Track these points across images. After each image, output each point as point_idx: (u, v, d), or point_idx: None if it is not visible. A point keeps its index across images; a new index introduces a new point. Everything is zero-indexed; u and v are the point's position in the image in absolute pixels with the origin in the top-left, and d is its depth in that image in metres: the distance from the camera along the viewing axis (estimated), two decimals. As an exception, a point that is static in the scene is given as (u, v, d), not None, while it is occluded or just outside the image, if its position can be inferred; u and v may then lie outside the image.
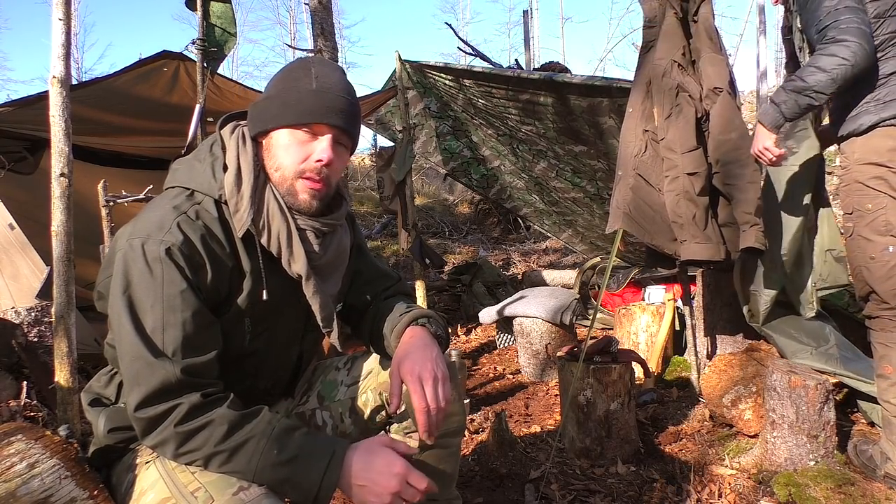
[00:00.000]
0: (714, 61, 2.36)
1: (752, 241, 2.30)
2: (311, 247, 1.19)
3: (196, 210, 1.11)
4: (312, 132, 1.15)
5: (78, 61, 22.56)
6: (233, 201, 1.12)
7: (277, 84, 1.17)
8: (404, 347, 1.22)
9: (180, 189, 1.15)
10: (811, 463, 1.98)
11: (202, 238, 1.09)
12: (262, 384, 1.29)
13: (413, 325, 1.27)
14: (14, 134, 3.50)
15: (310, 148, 1.15)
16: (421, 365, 1.16)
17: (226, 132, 1.20)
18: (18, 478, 0.98)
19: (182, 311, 1.05)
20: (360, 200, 10.89)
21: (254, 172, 1.14)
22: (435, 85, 4.40)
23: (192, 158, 1.19)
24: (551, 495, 2.01)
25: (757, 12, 13.12)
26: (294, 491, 1.04)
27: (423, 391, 1.13)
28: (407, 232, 3.95)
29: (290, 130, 1.15)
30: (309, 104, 1.14)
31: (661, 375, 3.15)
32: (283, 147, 1.15)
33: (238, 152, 1.15)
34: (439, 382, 1.16)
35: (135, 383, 1.03)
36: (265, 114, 1.16)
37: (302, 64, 1.18)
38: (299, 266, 1.17)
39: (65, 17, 1.88)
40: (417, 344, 1.21)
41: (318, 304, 1.22)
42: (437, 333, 1.28)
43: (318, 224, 1.20)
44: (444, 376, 1.18)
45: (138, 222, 1.10)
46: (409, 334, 1.25)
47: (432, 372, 1.15)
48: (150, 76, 3.30)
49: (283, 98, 1.15)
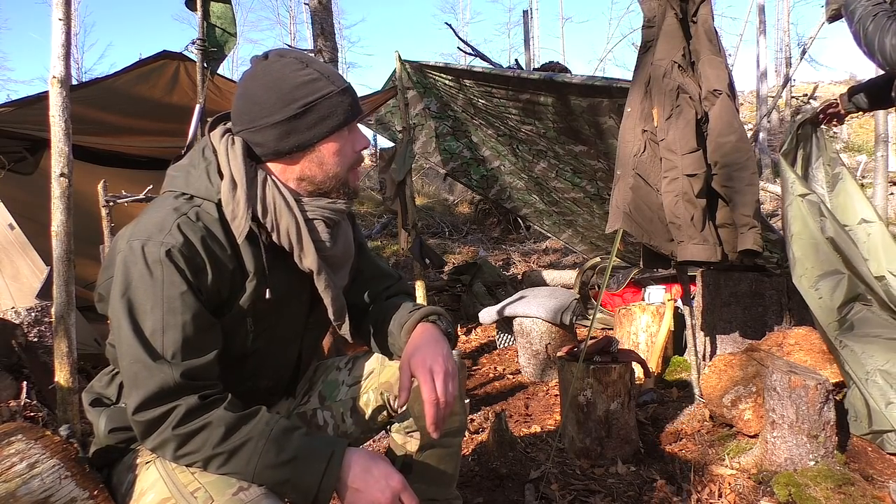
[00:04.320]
0: (713, 63, 2.36)
1: (750, 244, 2.31)
2: (320, 237, 1.20)
3: (196, 212, 1.11)
4: (349, 126, 1.18)
5: (78, 61, 22.57)
6: (229, 208, 1.11)
7: (288, 97, 1.12)
8: (415, 342, 1.22)
9: (179, 193, 1.14)
10: (811, 463, 1.98)
11: (203, 240, 1.08)
12: (263, 383, 1.29)
13: (424, 322, 1.27)
14: (14, 134, 3.49)
15: (351, 140, 1.19)
16: (432, 359, 1.16)
17: (215, 136, 1.18)
18: (18, 478, 0.99)
19: (182, 314, 1.04)
20: (360, 200, 10.88)
21: (247, 175, 1.13)
22: (435, 85, 4.40)
23: (187, 164, 1.18)
24: (551, 495, 2.01)
25: (757, 12, 13.14)
26: (293, 492, 1.04)
27: (433, 384, 1.14)
28: (407, 232, 3.95)
29: (336, 136, 1.16)
30: (345, 106, 1.16)
31: (661, 375, 3.15)
32: (334, 154, 1.17)
33: (228, 157, 1.14)
34: (450, 377, 1.16)
35: (134, 386, 1.03)
36: (297, 132, 1.13)
37: (295, 66, 1.14)
38: (310, 260, 1.18)
39: (65, 17, 1.88)
40: (428, 339, 1.21)
41: (331, 297, 1.23)
42: (447, 331, 1.28)
43: (327, 211, 1.20)
44: (454, 372, 1.18)
45: (138, 224, 1.09)
46: (420, 330, 1.25)
47: (443, 366, 1.16)
48: (150, 76, 3.30)
49: (317, 112, 1.13)
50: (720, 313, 2.88)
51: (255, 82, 1.14)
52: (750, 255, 2.39)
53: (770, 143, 12.74)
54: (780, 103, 15.54)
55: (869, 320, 2.26)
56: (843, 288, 2.27)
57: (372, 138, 9.75)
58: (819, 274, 2.32)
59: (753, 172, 2.31)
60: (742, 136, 2.30)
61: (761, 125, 11.92)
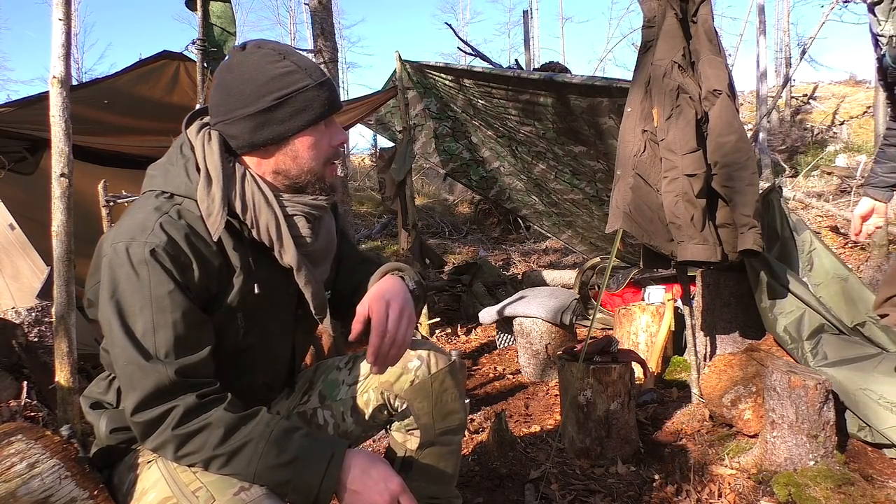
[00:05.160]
0: (713, 63, 2.36)
1: (750, 244, 2.31)
2: (300, 232, 1.19)
3: (178, 210, 1.10)
4: (326, 121, 1.18)
5: (78, 61, 22.55)
6: (204, 205, 1.10)
7: (263, 89, 1.11)
8: (377, 287, 1.23)
9: (159, 192, 1.14)
10: (811, 463, 1.98)
11: (186, 237, 1.08)
12: (260, 379, 1.29)
13: (390, 275, 1.29)
14: (14, 134, 3.49)
15: (327, 135, 1.18)
16: (391, 296, 1.17)
17: (192, 132, 1.17)
18: (18, 478, 0.99)
19: (172, 312, 1.04)
20: (360, 200, 10.89)
21: (224, 171, 1.12)
22: (435, 85, 4.40)
23: (165, 163, 1.17)
24: (551, 495, 2.01)
25: (757, 12, 13.15)
26: (294, 492, 1.04)
27: (385, 315, 1.14)
28: (407, 232, 3.95)
29: (311, 130, 1.15)
30: (321, 99, 1.14)
31: (661, 375, 3.15)
32: (309, 147, 1.16)
33: (204, 153, 1.13)
34: (404, 316, 1.16)
35: (130, 388, 1.03)
36: (271, 125, 1.12)
37: (272, 58, 1.12)
38: (290, 257, 1.17)
39: (65, 17, 1.88)
40: (392, 286, 1.23)
41: (311, 293, 1.22)
42: (411, 288, 1.28)
43: (308, 207, 1.19)
44: (411, 317, 1.18)
45: (121, 226, 1.09)
46: (385, 280, 1.26)
47: (401, 304, 1.17)
48: (151, 76, 3.31)
49: (292, 105, 1.12)
50: (720, 313, 2.87)
51: (231, 73, 1.14)
52: (750, 255, 2.39)
53: (770, 143, 12.74)
54: (780, 103, 15.55)
55: (836, 343, 2.46)
56: (807, 322, 2.52)
57: (372, 138, 9.76)
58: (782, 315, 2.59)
59: (753, 172, 2.31)
60: (742, 135, 2.30)
61: (761, 125, 11.92)
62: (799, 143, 13.70)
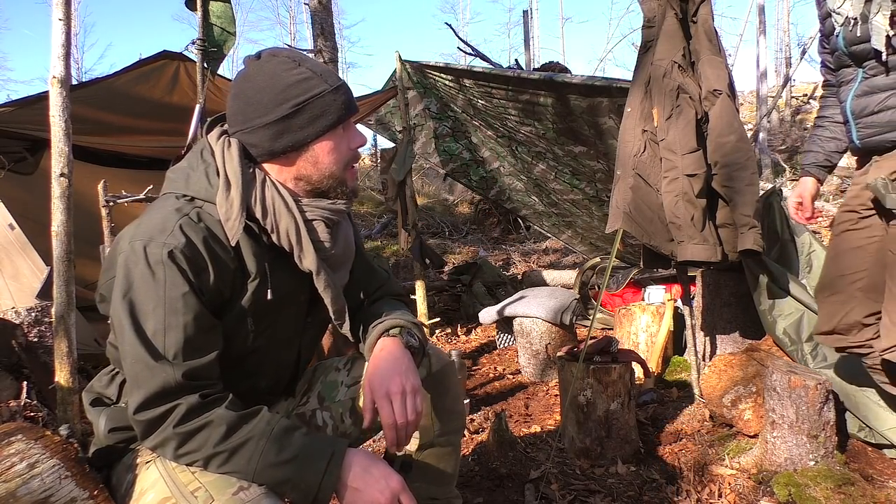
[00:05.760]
0: (713, 63, 2.36)
1: (750, 244, 2.31)
2: (319, 237, 1.19)
3: (198, 213, 1.11)
4: (344, 124, 1.18)
5: (78, 61, 22.57)
6: (223, 209, 1.11)
7: (280, 97, 1.12)
8: (374, 363, 1.22)
9: (180, 194, 1.14)
10: (811, 463, 1.98)
11: (204, 240, 1.08)
12: (263, 383, 1.29)
13: (384, 337, 1.27)
14: (14, 134, 3.50)
15: (346, 138, 1.19)
16: (389, 381, 1.16)
17: (212, 137, 1.18)
18: (18, 478, 0.99)
19: (184, 315, 1.05)
20: (361, 200, 10.88)
21: (244, 176, 1.13)
22: (435, 85, 4.40)
23: (186, 167, 1.18)
24: (551, 495, 2.01)
25: (757, 12, 13.12)
26: (294, 491, 1.04)
27: (390, 408, 1.14)
28: (407, 232, 3.95)
29: (330, 134, 1.16)
30: (338, 104, 1.15)
31: (661, 375, 3.15)
32: (329, 152, 1.17)
33: (224, 159, 1.14)
34: (407, 396, 1.16)
35: (135, 385, 1.04)
36: (290, 132, 1.13)
37: (288, 65, 1.13)
38: (310, 261, 1.17)
39: (65, 17, 1.88)
40: (387, 358, 1.21)
41: (331, 297, 1.23)
42: (409, 344, 1.27)
43: (327, 212, 1.20)
44: (413, 389, 1.18)
45: (140, 225, 1.09)
46: (380, 347, 1.25)
47: (400, 386, 1.16)
48: (151, 76, 3.31)
49: (310, 111, 1.13)
50: (720, 313, 2.88)
51: (247, 83, 1.14)
52: (750, 255, 2.39)
53: (770, 143, 12.73)
54: (780, 103, 15.53)
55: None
56: (806, 323, 2.53)
57: (372, 138, 9.76)
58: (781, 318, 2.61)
59: (753, 172, 2.31)
60: (742, 135, 2.31)
61: (761, 125, 11.92)
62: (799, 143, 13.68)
